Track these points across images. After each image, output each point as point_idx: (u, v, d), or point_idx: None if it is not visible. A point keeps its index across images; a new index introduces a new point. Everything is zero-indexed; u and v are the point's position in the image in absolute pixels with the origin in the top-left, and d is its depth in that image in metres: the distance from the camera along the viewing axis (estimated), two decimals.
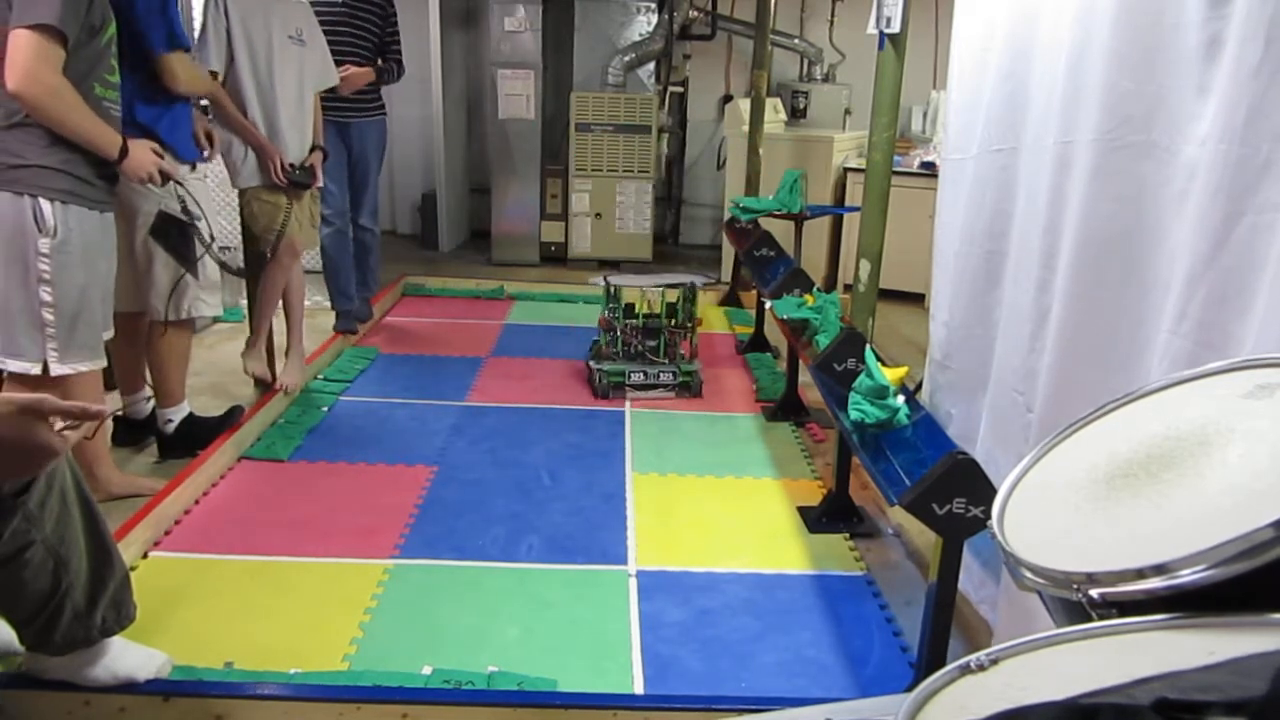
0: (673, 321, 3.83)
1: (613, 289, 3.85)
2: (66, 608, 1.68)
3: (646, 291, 3.98)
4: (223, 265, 2.95)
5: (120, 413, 3.10)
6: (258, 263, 3.36)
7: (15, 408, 1.24)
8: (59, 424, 1.32)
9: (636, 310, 3.85)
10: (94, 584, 1.72)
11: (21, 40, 2.04)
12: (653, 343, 3.80)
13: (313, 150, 3.37)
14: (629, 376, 3.76)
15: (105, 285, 2.41)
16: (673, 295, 3.88)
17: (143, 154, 2.37)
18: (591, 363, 3.83)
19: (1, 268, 2.21)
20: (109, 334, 2.47)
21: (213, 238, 2.88)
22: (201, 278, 2.84)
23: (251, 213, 3.19)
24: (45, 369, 2.28)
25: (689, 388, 3.80)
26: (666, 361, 3.80)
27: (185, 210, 2.71)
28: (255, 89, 3.10)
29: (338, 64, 3.82)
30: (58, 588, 1.65)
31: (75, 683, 1.79)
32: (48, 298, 2.23)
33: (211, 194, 3.09)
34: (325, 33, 3.67)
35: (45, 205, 2.18)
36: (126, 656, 1.84)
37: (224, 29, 2.99)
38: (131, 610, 1.83)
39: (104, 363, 2.47)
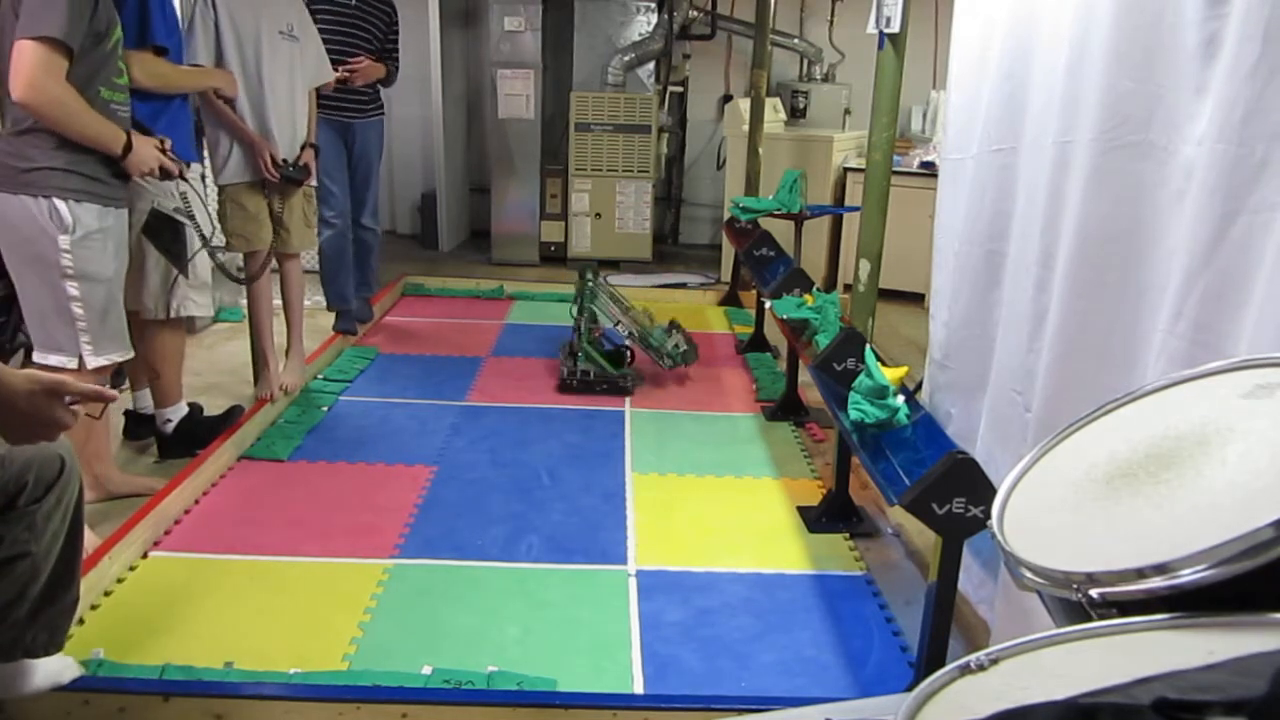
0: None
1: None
2: (9, 618, 1.64)
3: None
4: (221, 268, 2.95)
5: (130, 408, 3.12)
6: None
7: (41, 387, 1.34)
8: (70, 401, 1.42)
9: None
10: (43, 600, 1.68)
11: (27, 51, 2.07)
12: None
13: (304, 148, 3.35)
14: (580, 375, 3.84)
15: (123, 278, 2.45)
16: None
17: (145, 149, 2.38)
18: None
19: (29, 268, 2.27)
20: None
21: (209, 237, 2.88)
22: (192, 277, 2.84)
23: (224, 213, 3.18)
24: (81, 363, 2.31)
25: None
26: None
27: (184, 209, 2.72)
28: (244, 84, 3.08)
29: (350, 58, 3.82)
30: (18, 599, 1.63)
31: None
32: (75, 293, 2.28)
33: (210, 194, 3.08)
34: (335, 33, 3.67)
35: (60, 204, 2.22)
36: (39, 669, 1.78)
37: (212, 23, 2.97)
38: (62, 639, 1.78)
39: (133, 353, 2.50)
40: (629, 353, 3.90)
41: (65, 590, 1.73)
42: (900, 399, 2.20)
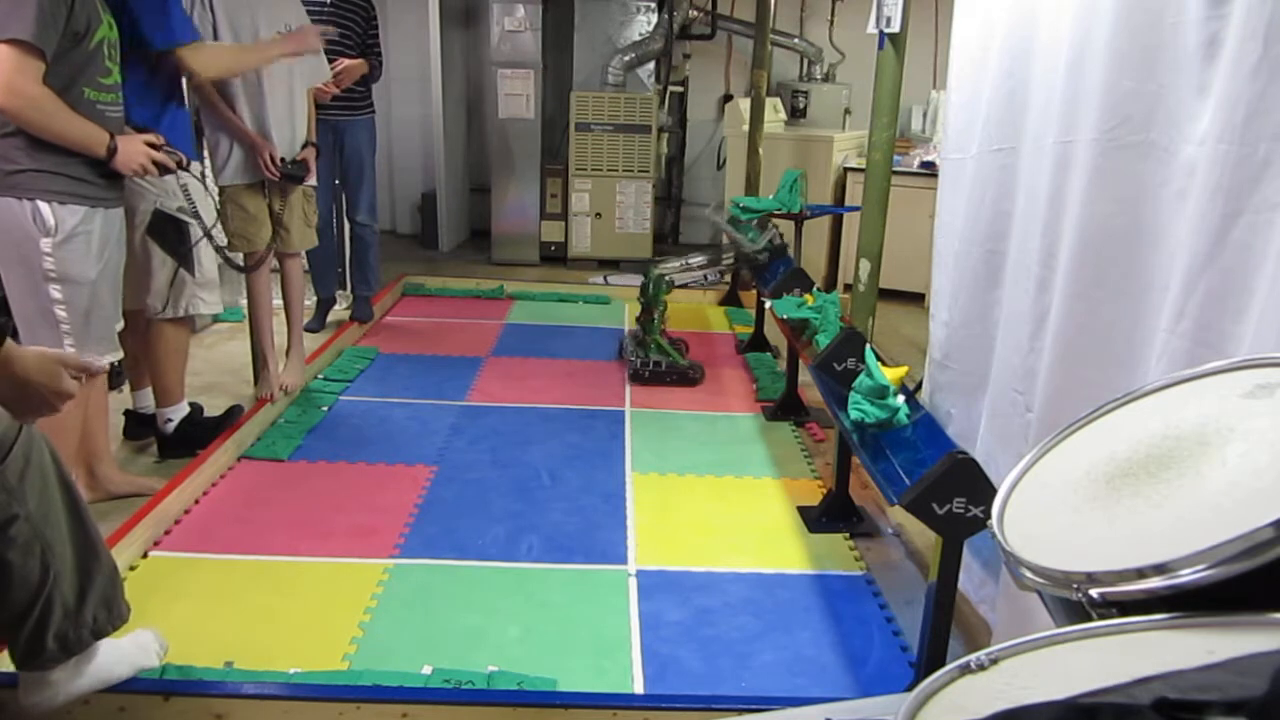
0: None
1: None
2: (56, 602, 1.62)
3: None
4: (226, 260, 2.95)
5: (130, 407, 3.12)
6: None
7: (51, 359, 1.50)
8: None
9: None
10: (81, 575, 1.66)
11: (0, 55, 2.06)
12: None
13: (305, 146, 3.34)
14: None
15: (115, 279, 2.44)
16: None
17: (132, 148, 2.36)
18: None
19: (12, 270, 2.27)
20: (120, 325, 2.49)
21: (210, 233, 2.88)
22: (199, 275, 2.84)
23: (225, 214, 3.18)
24: None
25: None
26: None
27: (186, 207, 2.71)
28: (243, 85, 3.08)
29: (329, 60, 3.83)
30: (46, 577, 1.59)
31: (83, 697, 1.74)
32: (57, 295, 2.27)
33: (211, 191, 3.08)
34: None
35: (44, 207, 2.21)
36: (120, 652, 1.80)
37: (210, 25, 2.97)
38: (123, 609, 1.77)
39: (120, 354, 2.50)
40: (684, 345, 4.14)
41: (94, 557, 1.69)
42: (900, 399, 2.20)
